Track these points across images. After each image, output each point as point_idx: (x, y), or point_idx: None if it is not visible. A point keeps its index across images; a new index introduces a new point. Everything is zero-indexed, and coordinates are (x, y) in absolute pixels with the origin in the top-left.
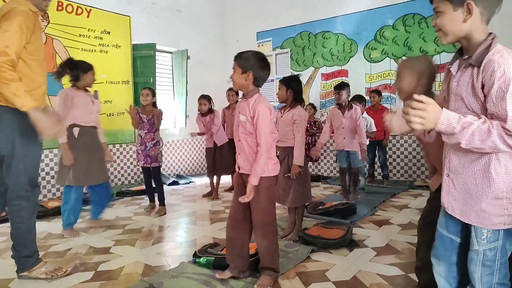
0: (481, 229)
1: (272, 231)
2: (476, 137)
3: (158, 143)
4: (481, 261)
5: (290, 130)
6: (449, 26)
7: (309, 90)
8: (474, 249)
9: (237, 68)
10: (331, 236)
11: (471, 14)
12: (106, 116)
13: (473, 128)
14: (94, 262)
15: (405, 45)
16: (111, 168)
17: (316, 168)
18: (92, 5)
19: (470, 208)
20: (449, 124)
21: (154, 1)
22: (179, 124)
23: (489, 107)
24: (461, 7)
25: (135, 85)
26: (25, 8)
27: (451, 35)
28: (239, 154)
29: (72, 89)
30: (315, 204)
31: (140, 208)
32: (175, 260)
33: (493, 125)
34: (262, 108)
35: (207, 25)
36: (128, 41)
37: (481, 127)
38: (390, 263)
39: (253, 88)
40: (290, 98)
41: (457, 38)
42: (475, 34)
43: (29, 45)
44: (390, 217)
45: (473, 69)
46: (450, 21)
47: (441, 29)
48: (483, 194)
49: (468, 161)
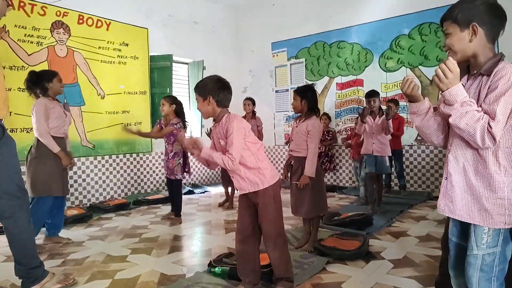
0: (481, 233)
1: (283, 241)
2: (465, 118)
3: (177, 155)
4: (479, 265)
5: (304, 141)
6: (457, 45)
7: (324, 100)
8: (473, 253)
9: (198, 98)
10: (347, 248)
11: (476, 35)
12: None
13: (468, 109)
14: (111, 270)
15: (422, 54)
16: (127, 177)
17: (332, 178)
18: (111, 18)
19: (472, 208)
20: (455, 95)
21: (171, 13)
22: (194, 133)
23: (483, 106)
24: (467, 28)
25: (152, 95)
26: None
27: (460, 53)
28: (233, 178)
29: (48, 100)
30: (331, 214)
31: (157, 217)
32: (191, 269)
33: (484, 117)
34: (232, 125)
35: (223, 36)
36: (146, 53)
37: (475, 113)
38: (408, 276)
39: (220, 111)
40: (305, 108)
41: (466, 56)
42: (482, 52)
43: None
44: (407, 228)
45: (482, 77)
46: (458, 41)
47: (450, 48)
48: (485, 193)
49: (468, 162)
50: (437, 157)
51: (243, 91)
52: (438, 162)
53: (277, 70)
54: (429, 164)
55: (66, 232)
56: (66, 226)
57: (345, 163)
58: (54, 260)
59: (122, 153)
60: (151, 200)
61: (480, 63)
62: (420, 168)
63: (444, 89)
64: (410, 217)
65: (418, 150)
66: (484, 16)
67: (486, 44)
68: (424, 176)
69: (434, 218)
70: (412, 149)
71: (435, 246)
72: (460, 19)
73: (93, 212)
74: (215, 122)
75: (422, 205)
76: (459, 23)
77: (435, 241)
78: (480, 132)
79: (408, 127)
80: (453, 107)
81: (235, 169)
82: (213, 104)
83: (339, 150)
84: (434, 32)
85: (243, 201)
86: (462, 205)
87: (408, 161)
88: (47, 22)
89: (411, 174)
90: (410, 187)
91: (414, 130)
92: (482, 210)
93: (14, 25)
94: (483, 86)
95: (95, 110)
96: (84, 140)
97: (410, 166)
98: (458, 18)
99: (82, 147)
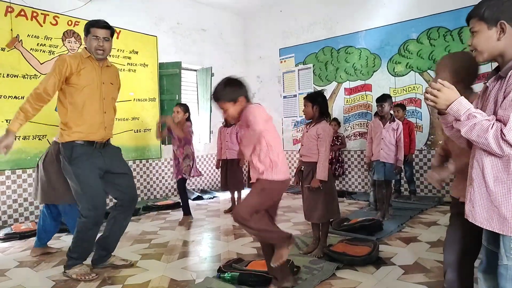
0: (509, 243)
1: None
2: (475, 130)
3: (188, 157)
4: (511, 276)
5: (314, 145)
6: (484, 44)
7: (332, 105)
8: (503, 263)
9: (227, 104)
10: (357, 253)
11: (504, 33)
12: (133, 132)
13: (475, 121)
14: (121, 275)
15: (430, 58)
16: (137, 183)
17: (341, 183)
18: (121, 26)
19: (492, 215)
20: (458, 110)
21: (180, 21)
22: (203, 139)
23: (498, 112)
24: (495, 26)
25: (162, 102)
26: (66, 56)
27: (487, 52)
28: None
29: None
30: (340, 220)
31: (166, 223)
32: (200, 275)
33: (494, 125)
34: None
35: (231, 43)
36: (155, 60)
37: (483, 123)
38: (419, 282)
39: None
40: (316, 113)
41: (492, 56)
42: (509, 51)
43: (71, 85)
44: (418, 234)
45: (502, 80)
46: (485, 40)
47: (477, 48)
48: (504, 201)
49: (488, 169)
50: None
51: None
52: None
53: (285, 76)
54: None
55: None
56: None
57: (354, 168)
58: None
59: (131, 159)
60: (161, 206)
61: (507, 63)
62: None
63: (444, 109)
64: (420, 222)
65: (428, 155)
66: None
67: None
68: None
69: (445, 223)
70: (422, 154)
71: None
72: (487, 17)
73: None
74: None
75: (432, 210)
76: (487, 20)
77: None
78: (494, 141)
79: (418, 131)
80: (460, 122)
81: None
82: (244, 101)
83: (348, 155)
84: (443, 36)
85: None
86: (482, 212)
87: (418, 166)
88: (59, 31)
89: (422, 179)
90: (421, 192)
91: (424, 135)
92: (501, 218)
93: (27, 34)
94: (500, 89)
95: None
96: None
97: (420, 171)
98: (485, 15)
99: None
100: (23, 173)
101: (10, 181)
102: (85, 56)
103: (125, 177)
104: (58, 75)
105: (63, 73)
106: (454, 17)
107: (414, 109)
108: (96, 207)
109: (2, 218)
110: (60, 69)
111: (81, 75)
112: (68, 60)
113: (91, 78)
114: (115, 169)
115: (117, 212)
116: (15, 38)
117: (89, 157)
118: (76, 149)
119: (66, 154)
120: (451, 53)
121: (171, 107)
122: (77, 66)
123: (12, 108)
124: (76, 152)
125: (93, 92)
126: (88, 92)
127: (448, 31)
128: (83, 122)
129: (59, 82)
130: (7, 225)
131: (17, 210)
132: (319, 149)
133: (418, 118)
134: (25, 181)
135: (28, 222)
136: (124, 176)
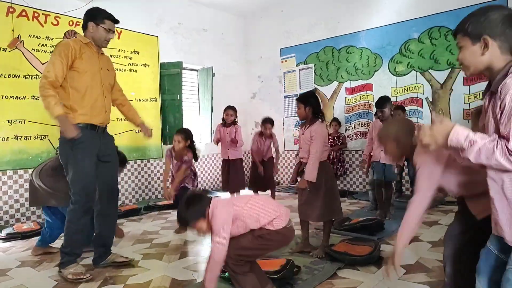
0: None
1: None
2: (483, 154)
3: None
4: None
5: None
6: (469, 59)
7: (333, 105)
8: (510, 269)
9: (200, 222)
10: (358, 253)
11: (487, 47)
12: (134, 132)
13: (479, 146)
14: (123, 275)
15: (432, 58)
16: (138, 183)
17: (342, 183)
18: (122, 27)
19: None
20: (458, 140)
21: (181, 21)
22: (204, 139)
23: (500, 128)
24: (479, 41)
25: (163, 102)
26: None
27: (472, 67)
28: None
29: None
30: (342, 220)
31: (167, 223)
32: (201, 274)
33: (498, 144)
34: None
35: (232, 43)
36: (156, 60)
37: (487, 145)
38: (420, 282)
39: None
40: (309, 114)
41: (478, 70)
42: (496, 65)
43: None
44: (419, 233)
45: (495, 96)
46: (470, 54)
47: (463, 62)
48: None
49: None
50: None
51: (252, 97)
52: None
53: (286, 76)
54: None
55: None
56: None
57: (355, 168)
58: None
59: (133, 159)
60: (162, 206)
61: (495, 76)
62: None
63: (446, 143)
64: (422, 222)
65: None
66: (497, 27)
67: (500, 56)
68: None
69: (446, 223)
70: None
71: None
72: (471, 32)
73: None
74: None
75: (434, 210)
76: (470, 35)
77: None
78: (504, 159)
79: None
80: (465, 151)
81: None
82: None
83: (349, 155)
84: (444, 36)
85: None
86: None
87: None
88: (60, 32)
89: None
90: None
91: None
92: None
93: (28, 35)
94: (496, 105)
95: None
96: None
97: None
98: (469, 31)
99: None
100: (24, 173)
101: (12, 181)
102: (84, 42)
103: (108, 166)
104: (65, 59)
105: (69, 57)
106: (455, 16)
107: (415, 108)
108: (88, 194)
109: (4, 218)
110: (66, 53)
111: (83, 59)
112: (72, 44)
113: (92, 63)
114: (104, 157)
115: (99, 206)
116: (17, 38)
117: (91, 142)
118: (81, 132)
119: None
120: (384, 125)
121: (172, 107)
122: (79, 50)
123: (13, 108)
124: (80, 135)
125: (94, 77)
126: (90, 76)
127: (449, 31)
128: (87, 105)
129: (66, 66)
130: (9, 225)
131: (18, 210)
132: (310, 150)
133: (419, 118)
134: (26, 181)
135: (30, 222)
136: (108, 165)
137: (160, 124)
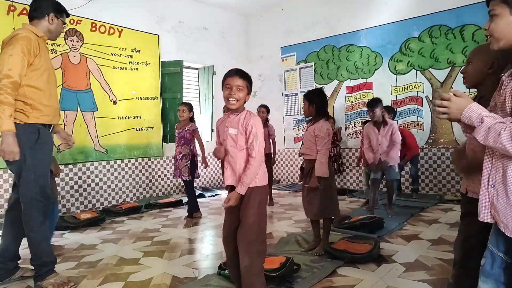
0: None
1: (257, 251)
2: (490, 136)
3: (185, 157)
4: None
5: (313, 143)
6: (503, 30)
7: (333, 103)
8: None
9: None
10: (358, 251)
11: None
12: (135, 130)
13: (488, 125)
14: (124, 273)
15: (432, 56)
16: (139, 181)
17: (342, 181)
18: (123, 25)
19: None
20: (470, 117)
21: (182, 20)
22: (205, 137)
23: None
24: None
25: (163, 100)
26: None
27: (504, 40)
28: (226, 168)
29: None
30: (341, 218)
31: (168, 220)
32: (202, 272)
33: (506, 128)
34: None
35: (232, 42)
36: (157, 59)
37: (496, 126)
38: (420, 280)
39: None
40: (313, 112)
41: (510, 44)
42: None
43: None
44: (419, 232)
45: None
46: (505, 25)
47: (493, 33)
48: None
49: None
50: (448, 159)
51: (253, 95)
52: (450, 165)
53: (287, 74)
54: (440, 167)
55: (79, 235)
56: (79, 229)
57: (356, 166)
58: (68, 263)
59: (134, 157)
60: (163, 203)
61: None
62: (431, 171)
63: (458, 118)
64: (421, 220)
65: (429, 153)
66: None
67: None
68: (435, 179)
69: (446, 221)
70: (423, 152)
71: (448, 249)
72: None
73: (105, 216)
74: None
75: (434, 208)
76: (510, 3)
77: (448, 244)
78: (509, 144)
79: (419, 130)
80: (476, 129)
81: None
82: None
83: (349, 153)
84: (445, 34)
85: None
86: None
87: (419, 164)
88: None
89: (423, 177)
90: (422, 190)
91: (425, 133)
92: None
93: None
94: None
95: (108, 115)
96: (97, 145)
97: (422, 169)
98: None
99: (95, 152)
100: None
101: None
102: (39, 35)
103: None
104: (27, 56)
105: (32, 53)
106: (455, 15)
107: (415, 107)
108: (47, 195)
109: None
110: (29, 49)
111: (41, 56)
112: (33, 38)
113: (47, 59)
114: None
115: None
116: None
117: (51, 143)
118: (42, 132)
119: (30, 137)
120: (485, 44)
121: (173, 106)
122: (38, 46)
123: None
124: (42, 136)
125: (50, 74)
126: (47, 75)
127: (449, 29)
128: (48, 105)
129: (28, 64)
130: None
131: None
132: (317, 148)
133: (420, 117)
134: None
135: None
136: None
137: (161, 122)
